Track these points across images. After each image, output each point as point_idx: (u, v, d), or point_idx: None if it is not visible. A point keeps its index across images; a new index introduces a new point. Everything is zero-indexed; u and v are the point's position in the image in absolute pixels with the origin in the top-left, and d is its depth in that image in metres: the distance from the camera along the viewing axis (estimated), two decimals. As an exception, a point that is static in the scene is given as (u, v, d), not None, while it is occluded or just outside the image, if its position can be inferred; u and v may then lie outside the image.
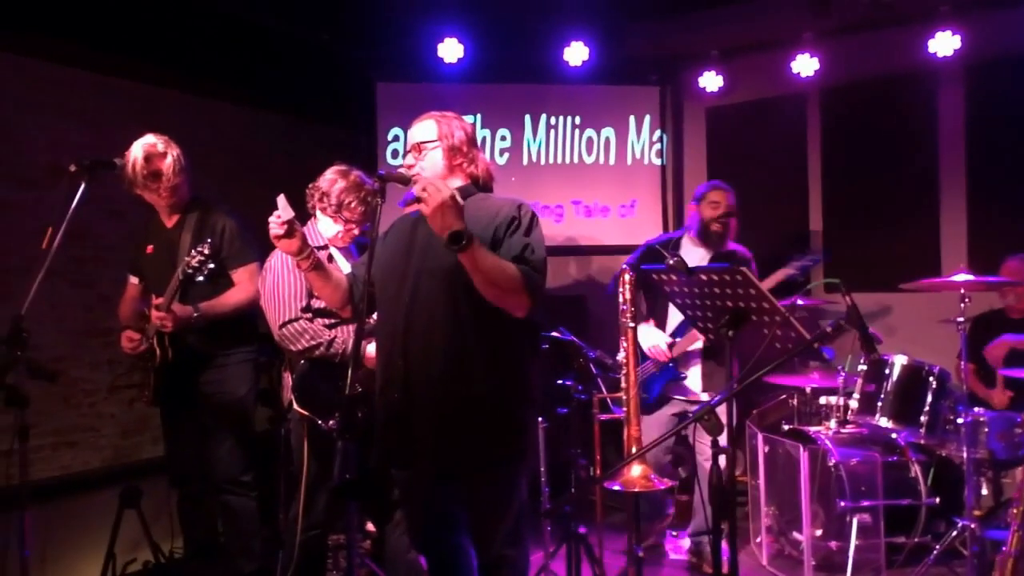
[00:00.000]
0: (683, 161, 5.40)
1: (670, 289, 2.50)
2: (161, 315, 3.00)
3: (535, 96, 5.02)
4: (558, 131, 5.00)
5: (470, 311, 2.14)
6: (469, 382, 2.14)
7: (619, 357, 3.27)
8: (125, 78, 4.29)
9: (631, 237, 5.06)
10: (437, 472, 2.20)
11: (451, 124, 2.32)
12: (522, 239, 2.17)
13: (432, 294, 2.18)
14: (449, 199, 1.97)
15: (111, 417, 4.20)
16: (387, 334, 2.25)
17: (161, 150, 3.09)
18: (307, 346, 2.81)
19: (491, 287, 2.07)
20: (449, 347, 2.15)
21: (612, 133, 5.03)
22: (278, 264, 2.89)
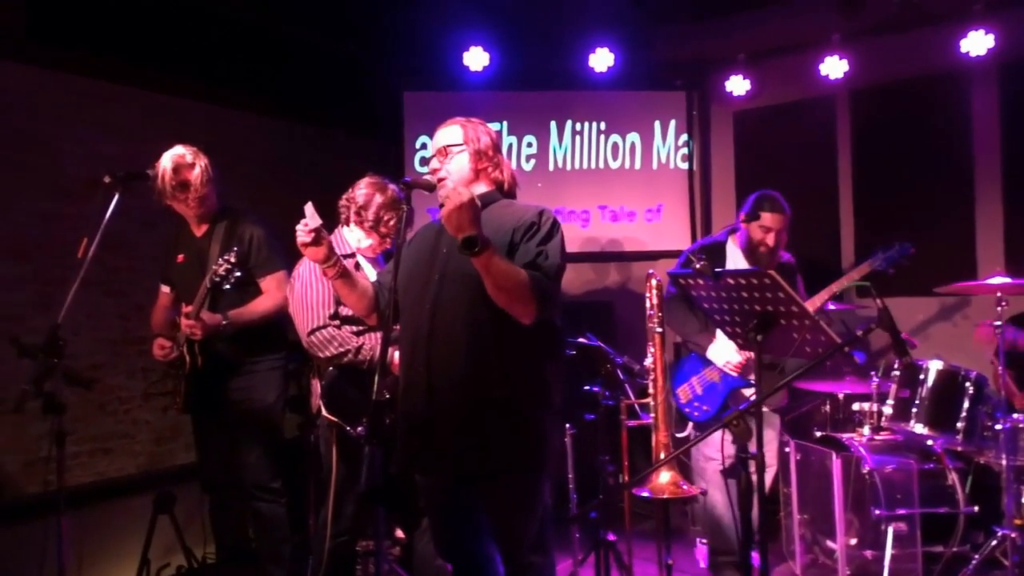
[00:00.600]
0: (711, 166, 5.36)
1: (697, 294, 2.47)
2: (190, 323, 3.03)
3: (560, 103, 5.03)
4: (583, 137, 5.01)
5: (491, 316, 2.14)
6: (489, 387, 2.14)
7: (646, 362, 3.26)
8: (158, 91, 4.36)
9: (659, 242, 5.03)
10: (458, 477, 2.20)
11: (477, 129, 2.33)
12: (537, 245, 2.17)
13: (454, 300, 2.18)
14: (467, 202, 1.98)
15: (146, 424, 4.26)
16: (409, 340, 2.26)
17: (189, 161, 3.13)
18: (335, 353, 2.83)
19: (500, 292, 2.07)
20: (470, 352, 2.15)
21: (637, 138, 5.03)
22: (306, 272, 2.91)
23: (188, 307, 3.07)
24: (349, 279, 2.31)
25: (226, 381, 3.21)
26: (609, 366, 3.44)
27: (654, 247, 5.03)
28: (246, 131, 4.88)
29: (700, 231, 5.15)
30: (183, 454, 4.26)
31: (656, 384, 3.20)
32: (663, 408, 3.16)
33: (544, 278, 2.13)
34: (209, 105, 4.64)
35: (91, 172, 3.90)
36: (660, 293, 3.30)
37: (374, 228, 2.97)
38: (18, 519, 3.44)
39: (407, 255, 2.35)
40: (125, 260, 4.14)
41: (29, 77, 3.85)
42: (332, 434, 2.89)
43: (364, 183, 3.03)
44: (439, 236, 2.29)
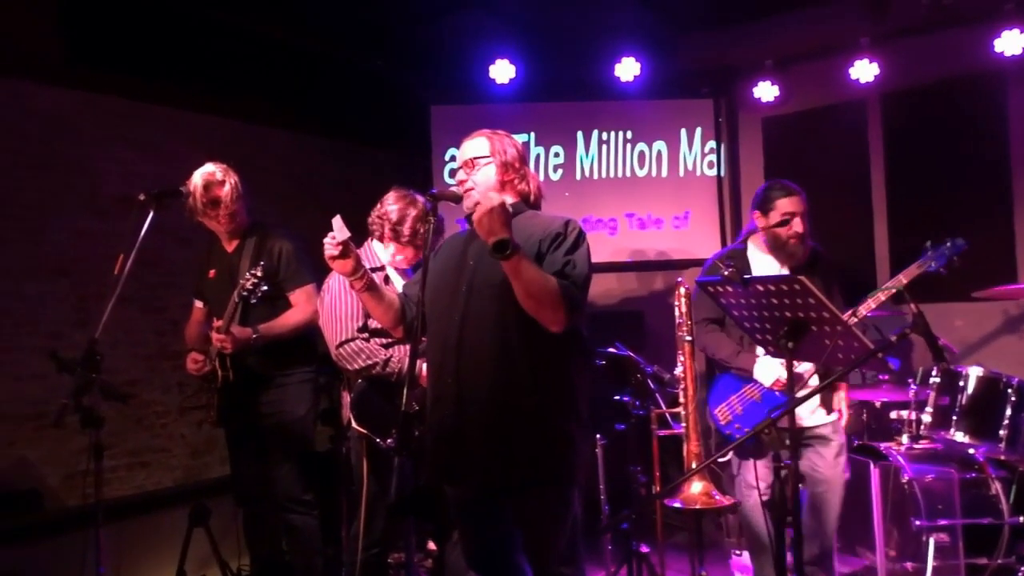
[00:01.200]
0: (740, 173, 5.31)
1: (726, 301, 2.44)
2: (221, 337, 3.07)
3: (587, 113, 5.04)
4: (610, 146, 5.02)
5: (519, 327, 2.14)
6: (518, 397, 2.14)
7: (676, 372, 3.24)
8: (191, 110, 4.46)
9: (687, 250, 4.99)
10: (488, 489, 2.20)
11: (503, 141, 2.35)
12: (564, 255, 2.17)
13: (482, 311, 2.19)
14: (498, 206, 2.00)
15: (181, 438, 4.32)
16: (438, 351, 2.26)
17: (220, 178, 3.18)
18: (364, 365, 2.84)
19: (529, 299, 2.07)
20: (499, 363, 2.15)
21: (664, 146, 5.02)
22: (336, 285, 2.93)
23: (219, 321, 3.11)
24: (376, 292, 2.32)
25: (257, 394, 3.24)
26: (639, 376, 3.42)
27: (683, 255, 4.99)
28: (277, 147, 4.95)
29: (730, 238, 5.09)
30: (218, 467, 4.31)
31: (687, 393, 3.17)
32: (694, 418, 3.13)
33: (572, 286, 2.13)
34: (241, 123, 4.73)
35: (127, 190, 3.99)
36: (689, 302, 3.27)
37: (410, 242, 2.99)
38: (59, 531, 3.51)
39: (434, 267, 2.35)
40: (160, 276, 4.22)
41: (66, 100, 3.96)
42: (362, 446, 2.89)
43: (392, 198, 3.04)
44: (466, 247, 2.30)
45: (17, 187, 3.75)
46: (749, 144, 5.31)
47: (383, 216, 3.01)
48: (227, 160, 3.29)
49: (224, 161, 3.27)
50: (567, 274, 2.14)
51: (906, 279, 2.98)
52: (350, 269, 2.24)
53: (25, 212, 3.78)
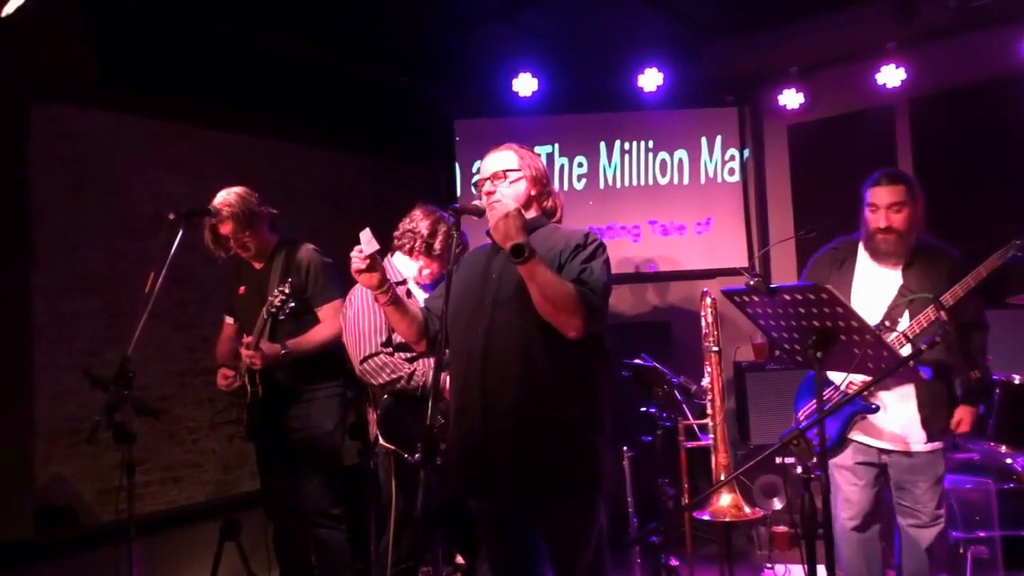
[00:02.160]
0: (766, 180, 5.27)
1: (753, 311, 2.42)
2: (250, 353, 3.10)
3: (609, 123, 5.09)
4: (632, 155, 5.08)
5: (544, 341, 2.14)
6: (544, 410, 2.14)
7: (703, 383, 3.21)
8: (219, 129, 4.53)
9: (713, 260, 4.98)
10: (513, 501, 2.19)
11: (532, 156, 2.37)
12: (582, 263, 2.18)
13: (507, 325, 2.19)
14: (513, 211, 2.03)
15: (213, 453, 4.36)
16: (462, 364, 2.26)
17: (225, 215, 3.20)
18: (388, 380, 2.85)
19: (546, 303, 2.08)
20: (524, 377, 2.15)
21: (685, 154, 5.07)
22: (358, 299, 2.95)
23: (249, 338, 3.14)
24: (401, 306, 2.34)
25: (286, 409, 3.26)
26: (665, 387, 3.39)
27: (709, 264, 4.98)
28: (306, 164, 5.01)
29: (757, 246, 5.06)
30: (249, 482, 4.34)
31: (714, 404, 3.15)
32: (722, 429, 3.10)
33: (590, 292, 2.12)
34: (270, 140, 4.78)
35: (157, 209, 4.06)
36: (715, 311, 3.25)
37: (441, 257, 3.02)
38: (93, 545, 3.56)
39: (457, 280, 2.36)
40: (191, 293, 4.28)
41: (100, 122, 4.04)
42: (391, 462, 2.90)
43: (421, 213, 3.06)
44: (489, 261, 2.31)
45: (52, 207, 3.83)
46: (775, 152, 5.27)
47: (414, 231, 3.03)
48: (254, 178, 3.34)
49: (249, 177, 3.31)
50: (584, 280, 2.15)
51: (985, 272, 2.62)
52: (376, 283, 2.25)
53: (60, 231, 3.86)
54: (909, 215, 2.80)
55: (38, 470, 3.70)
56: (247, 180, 3.37)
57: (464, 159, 5.00)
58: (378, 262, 2.23)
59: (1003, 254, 2.67)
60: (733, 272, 4.53)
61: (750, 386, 4.46)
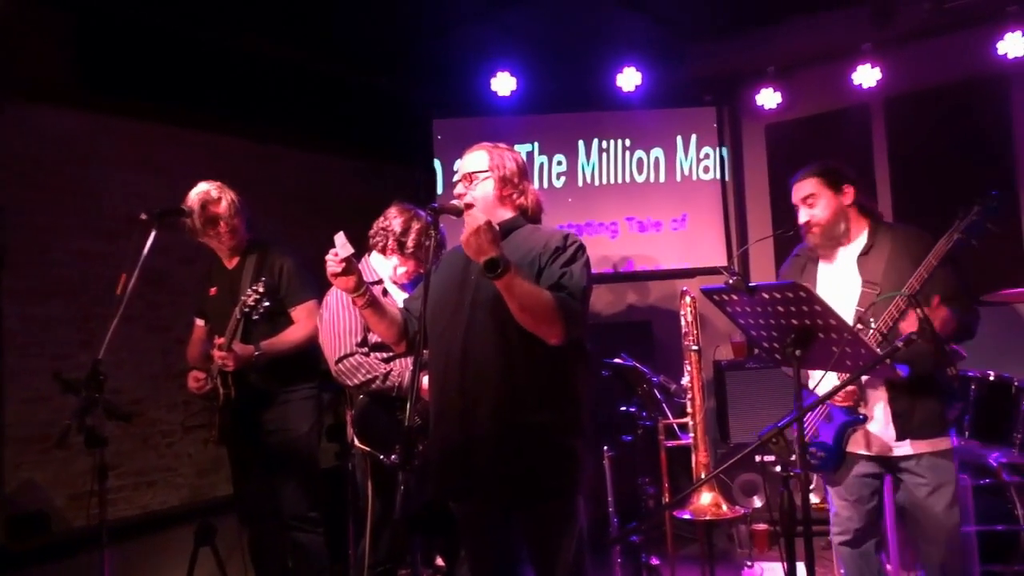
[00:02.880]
0: (744, 179, 5.31)
1: (732, 310, 2.41)
2: (222, 355, 3.06)
3: (588, 123, 5.13)
4: (610, 154, 5.13)
5: (523, 342, 2.14)
6: (524, 412, 2.13)
7: (683, 382, 3.22)
8: (194, 129, 4.47)
9: (691, 257, 5.02)
10: (495, 504, 2.18)
11: (503, 155, 2.34)
12: (561, 267, 2.17)
13: (486, 326, 2.18)
14: (484, 225, 2.00)
15: (187, 457, 4.31)
16: (441, 366, 2.25)
17: (215, 196, 3.19)
18: (363, 380, 2.83)
19: (524, 314, 2.07)
20: (504, 378, 2.14)
21: (661, 153, 5.13)
22: (334, 301, 2.92)
23: (221, 339, 3.10)
24: (378, 307, 2.32)
25: (260, 412, 3.22)
26: (645, 386, 3.39)
27: (688, 262, 5.01)
28: (280, 164, 4.96)
29: (736, 244, 5.09)
30: (224, 486, 4.28)
31: (694, 403, 3.16)
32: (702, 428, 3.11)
33: (569, 298, 2.11)
34: (246, 141, 4.73)
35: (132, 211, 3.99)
36: (695, 310, 3.26)
37: (414, 254, 3.00)
38: (65, 553, 3.50)
39: (436, 281, 2.34)
40: (165, 295, 4.22)
41: (75, 123, 3.98)
42: (367, 464, 2.88)
43: (395, 211, 3.05)
44: (468, 262, 2.28)
45: (26, 209, 3.76)
46: (753, 151, 5.30)
47: (387, 229, 3.02)
48: (230, 178, 3.30)
49: (231, 179, 3.27)
50: (563, 285, 2.13)
51: (935, 260, 2.44)
52: (353, 286, 2.23)
53: (34, 234, 3.80)
54: (827, 203, 2.69)
55: (8, 476, 3.63)
56: (226, 181, 3.32)
57: (444, 159, 4.99)
58: (354, 265, 2.21)
59: (950, 238, 2.47)
60: (712, 271, 4.53)
61: (730, 385, 4.48)
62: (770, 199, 5.18)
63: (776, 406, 4.15)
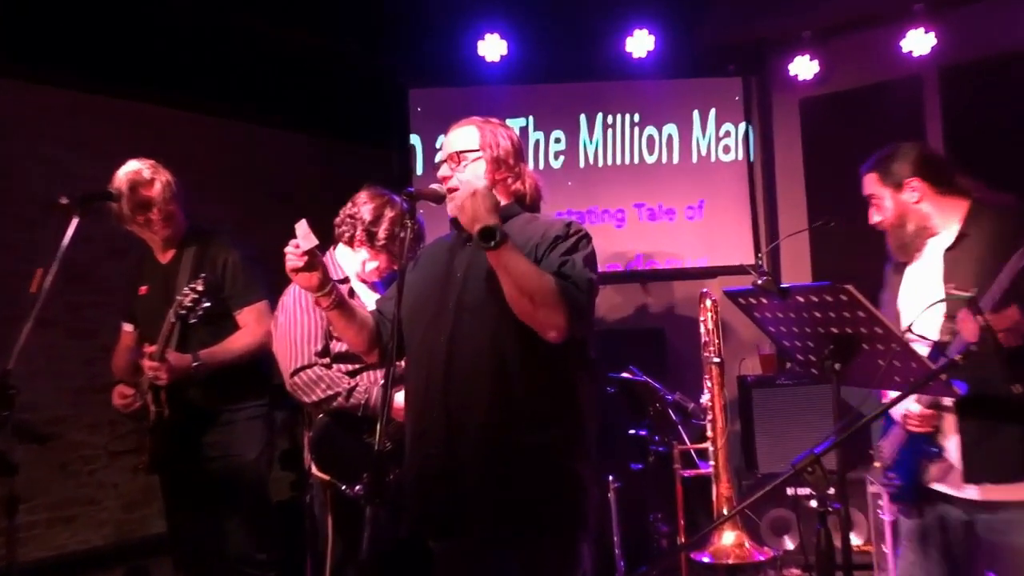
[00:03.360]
0: (775, 161, 5.32)
1: (760, 315, 2.42)
2: (154, 366, 3.02)
3: (591, 94, 5.15)
4: (616, 130, 5.15)
5: (519, 351, 2.13)
6: (520, 432, 2.13)
7: (703, 400, 3.23)
8: (126, 99, 4.45)
9: (711, 251, 5.06)
10: (485, 540, 2.17)
11: (496, 132, 2.34)
12: (562, 255, 2.17)
13: (474, 332, 2.17)
14: (483, 189, 2.03)
15: (113, 487, 4.28)
16: (422, 379, 2.24)
17: (147, 176, 3.16)
18: (323, 396, 2.81)
19: (521, 297, 2.06)
20: (496, 393, 2.14)
21: (674, 130, 5.16)
22: (291, 302, 2.91)
23: (152, 347, 3.06)
24: (346, 310, 2.31)
25: (199, 434, 3.20)
26: (658, 405, 3.41)
27: (707, 257, 5.04)
28: (229, 141, 4.95)
29: (765, 237, 5.09)
30: (158, 522, 4.22)
31: (715, 426, 3.17)
32: (724, 455, 3.12)
33: (574, 287, 2.11)
34: (185, 112, 4.72)
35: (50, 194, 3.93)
36: (716, 316, 3.27)
37: (386, 247, 2.99)
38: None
39: (413, 279, 2.34)
40: (89, 295, 4.19)
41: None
42: (326, 496, 2.86)
43: (365, 196, 3.04)
44: (452, 255, 2.29)
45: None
46: (785, 129, 5.31)
47: (355, 217, 3.01)
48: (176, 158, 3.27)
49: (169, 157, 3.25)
50: (565, 274, 2.13)
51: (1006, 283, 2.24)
52: (316, 284, 2.21)
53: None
54: (889, 203, 2.68)
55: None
56: (163, 160, 3.29)
57: (423, 135, 4.99)
58: (318, 259, 2.20)
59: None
60: (738, 271, 4.55)
61: (757, 404, 4.47)
62: (805, 185, 5.19)
63: (812, 429, 4.15)
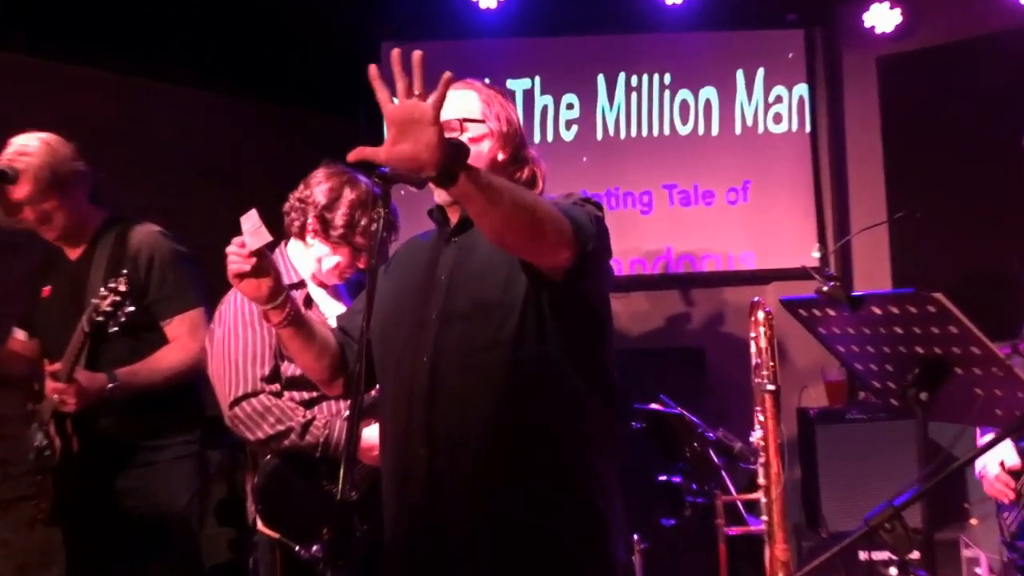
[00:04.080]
0: (844, 133, 5.33)
1: (827, 331, 2.44)
2: (60, 388, 3.02)
3: (611, 50, 5.18)
4: (642, 94, 5.18)
5: (521, 369, 2.14)
6: (522, 477, 2.14)
7: (753, 439, 3.23)
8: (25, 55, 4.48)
9: (758, 244, 5.09)
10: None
11: (503, 103, 2.36)
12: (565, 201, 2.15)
13: (466, 347, 2.17)
14: (430, 111, 1.81)
15: (3, 546, 4.29)
16: (400, 410, 2.24)
17: (15, 170, 3.13)
18: (271, 433, 2.79)
19: (512, 224, 1.96)
20: (493, 425, 2.14)
21: (713, 94, 5.18)
22: (231, 312, 2.90)
23: (57, 365, 3.07)
24: (303, 327, 2.30)
25: (113, 478, 3.20)
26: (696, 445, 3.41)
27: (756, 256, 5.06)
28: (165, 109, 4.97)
29: (832, 231, 5.11)
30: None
31: (769, 471, 3.17)
32: (780, 508, 3.12)
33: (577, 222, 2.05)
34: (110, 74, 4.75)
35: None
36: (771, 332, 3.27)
37: (345, 238, 2.98)
38: None
39: (387, 286, 2.34)
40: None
41: None
42: (274, 557, 2.86)
43: (322, 174, 3.05)
44: (435, 254, 2.30)
45: None
46: (858, 93, 5.33)
47: (306, 201, 3.00)
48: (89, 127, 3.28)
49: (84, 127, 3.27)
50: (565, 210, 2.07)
51: None
52: (266, 293, 2.19)
53: None
54: None
55: None
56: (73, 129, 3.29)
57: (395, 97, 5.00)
58: (269, 261, 2.18)
59: None
60: (798, 274, 4.55)
61: (822, 444, 4.48)
62: (883, 165, 5.20)
63: (890, 476, 4.16)
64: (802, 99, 5.13)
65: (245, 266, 2.14)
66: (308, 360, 2.36)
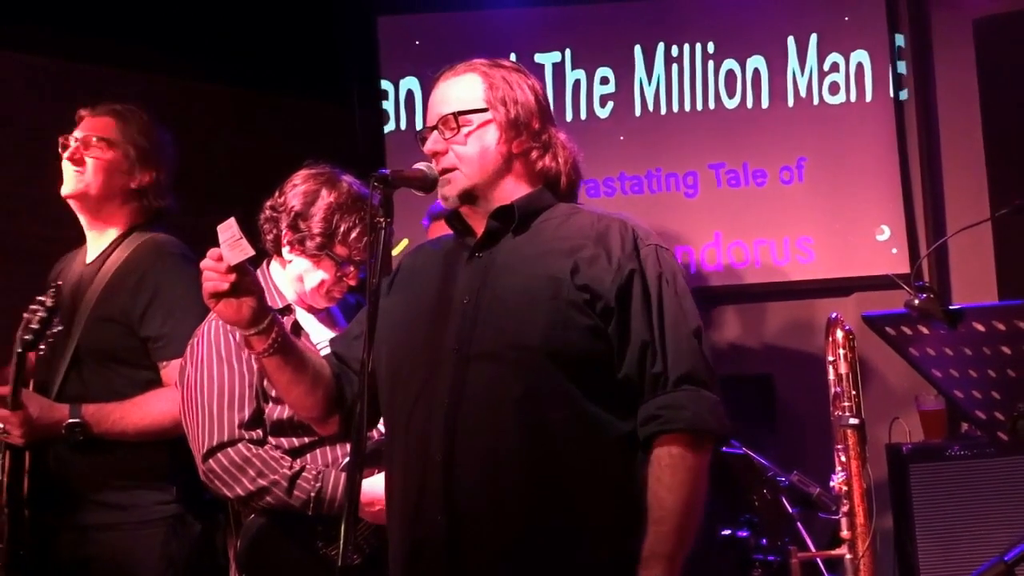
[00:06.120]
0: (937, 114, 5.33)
1: (919, 352, 2.45)
2: (4, 414, 3.05)
3: (648, 17, 5.29)
4: (684, 65, 5.29)
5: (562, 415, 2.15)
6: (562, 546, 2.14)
7: (834, 483, 3.23)
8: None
9: (814, 229, 5.15)
10: None
11: (511, 80, 2.36)
12: (675, 323, 2.24)
13: (493, 399, 2.18)
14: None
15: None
16: (410, 464, 2.26)
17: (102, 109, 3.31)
18: (251, 489, 2.80)
19: None
20: (526, 481, 2.16)
21: (762, 63, 5.28)
22: (203, 348, 2.91)
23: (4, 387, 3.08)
24: (292, 355, 2.30)
25: (75, 535, 3.22)
26: (766, 491, 3.42)
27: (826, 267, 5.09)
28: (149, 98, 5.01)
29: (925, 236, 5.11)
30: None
31: (854, 521, 3.18)
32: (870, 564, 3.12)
33: (702, 410, 2.20)
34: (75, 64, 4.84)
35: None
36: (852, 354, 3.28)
37: (324, 248, 2.99)
38: None
39: (391, 305, 2.35)
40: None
41: None
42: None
43: (299, 176, 3.07)
44: (451, 268, 2.32)
45: None
46: (950, 60, 5.32)
47: (280, 208, 3.03)
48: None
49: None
50: (697, 379, 2.22)
51: None
52: (248, 316, 2.19)
53: None
54: None
55: None
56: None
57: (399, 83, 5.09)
58: (251, 277, 2.20)
59: None
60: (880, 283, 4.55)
61: (917, 487, 4.46)
62: (984, 150, 5.20)
63: (1000, 524, 4.15)
64: (860, 66, 5.20)
65: (222, 284, 2.13)
66: (299, 394, 2.36)
